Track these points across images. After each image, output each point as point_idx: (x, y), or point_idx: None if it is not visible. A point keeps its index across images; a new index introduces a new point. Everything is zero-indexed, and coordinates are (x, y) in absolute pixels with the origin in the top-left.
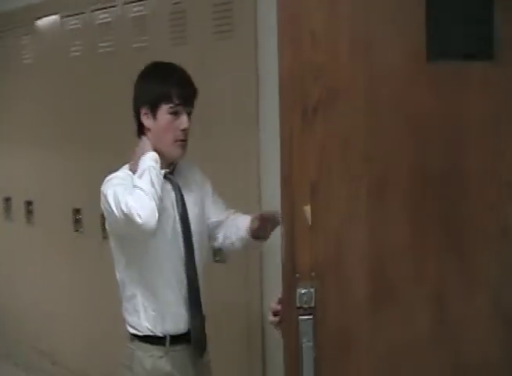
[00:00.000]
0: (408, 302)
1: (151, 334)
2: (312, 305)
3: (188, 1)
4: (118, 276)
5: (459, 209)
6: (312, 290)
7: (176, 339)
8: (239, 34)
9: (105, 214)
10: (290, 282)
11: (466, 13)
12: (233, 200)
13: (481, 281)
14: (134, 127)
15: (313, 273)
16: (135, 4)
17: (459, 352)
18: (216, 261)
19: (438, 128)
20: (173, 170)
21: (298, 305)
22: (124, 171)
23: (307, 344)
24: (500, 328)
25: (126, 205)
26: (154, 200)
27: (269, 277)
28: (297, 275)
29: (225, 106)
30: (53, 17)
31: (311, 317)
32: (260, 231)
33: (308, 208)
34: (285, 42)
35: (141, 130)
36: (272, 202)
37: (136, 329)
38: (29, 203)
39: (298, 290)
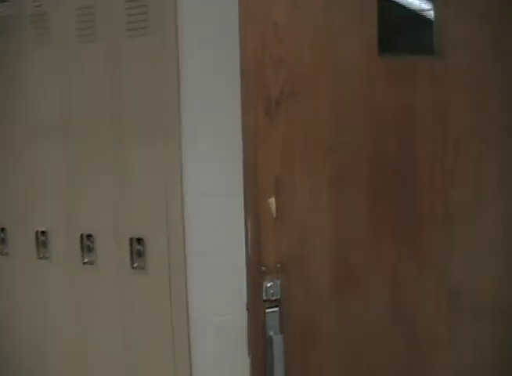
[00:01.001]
0: (368, 287)
1: None
2: (278, 296)
3: None
4: None
5: (410, 197)
6: (278, 282)
7: None
8: (156, 30)
9: None
10: (257, 276)
11: (411, 13)
12: (154, 210)
13: (429, 263)
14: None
15: (278, 265)
16: None
17: (413, 328)
18: None
19: (391, 119)
20: None
21: (265, 297)
22: None
23: (276, 336)
24: (445, 305)
25: None
26: None
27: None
28: (264, 268)
29: (142, 109)
30: None
31: (277, 309)
32: None
33: (272, 201)
34: (247, 34)
35: None
36: (195, 210)
37: None
38: None
39: (265, 283)
